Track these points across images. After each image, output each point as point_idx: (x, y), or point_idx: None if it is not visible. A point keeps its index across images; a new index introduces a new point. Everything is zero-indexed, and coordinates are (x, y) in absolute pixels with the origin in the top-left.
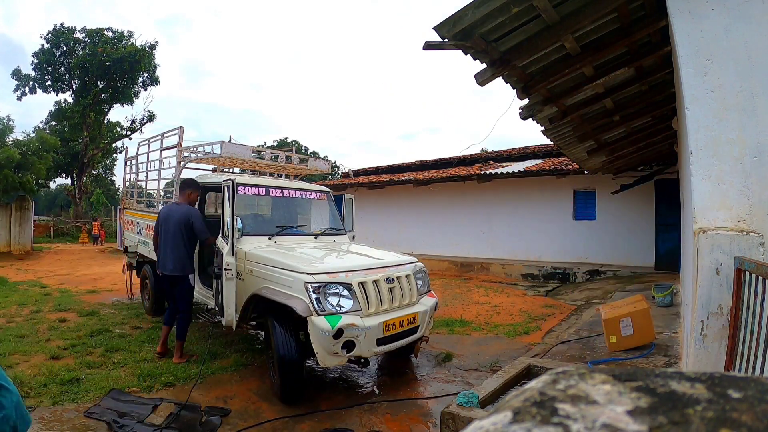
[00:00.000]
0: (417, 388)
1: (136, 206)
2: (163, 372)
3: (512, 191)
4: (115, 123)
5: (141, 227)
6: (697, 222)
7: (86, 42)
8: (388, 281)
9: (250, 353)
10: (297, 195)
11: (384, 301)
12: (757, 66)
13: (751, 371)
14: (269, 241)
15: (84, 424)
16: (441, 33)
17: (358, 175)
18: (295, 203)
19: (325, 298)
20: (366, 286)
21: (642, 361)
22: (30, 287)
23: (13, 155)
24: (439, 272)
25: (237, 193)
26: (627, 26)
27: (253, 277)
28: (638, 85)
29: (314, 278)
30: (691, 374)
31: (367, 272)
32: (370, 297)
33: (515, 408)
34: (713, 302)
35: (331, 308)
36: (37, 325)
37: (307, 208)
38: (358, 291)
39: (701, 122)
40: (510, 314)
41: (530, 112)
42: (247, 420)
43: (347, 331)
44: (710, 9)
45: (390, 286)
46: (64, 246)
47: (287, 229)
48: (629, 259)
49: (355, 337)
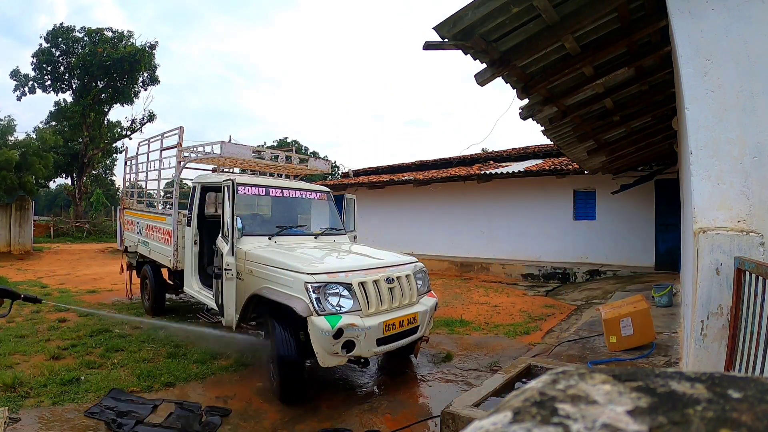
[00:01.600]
0: (417, 388)
1: (136, 206)
2: (163, 372)
3: (512, 191)
4: (115, 123)
5: (141, 227)
6: (697, 222)
7: (86, 42)
8: (388, 281)
9: (250, 353)
10: (297, 195)
11: (384, 301)
12: (757, 66)
13: (751, 371)
14: (269, 241)
15: (84, 424)
16: (441, 33)
17: (358, 175)
18: (295, 203)
19: (325, 298)
20: (366, 286)
21: (642, 361)
22: (30, 287)
23: (12, 157)
24: (439, 272)
25: (237, 193)
26: (627, 26)
27: (253, 277)
28: (638, 85)
29: (314, 278)
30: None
31: (367, 272)
32: (370, 297)
33: (515, 408)
34: (713, 302)
35: (331, 308)
36: (37, 325)
37: (307, 208)
38: (358, 291)
39: (701, 122)
40: (510, 314)
41: (530, 112)
42: (248, 420)
43: (347, 331)
44: (710, 9)
45: (390, 286)
46: (64, 246)
47: (287, 230)
48: (629, 259)
49: (355, 337)
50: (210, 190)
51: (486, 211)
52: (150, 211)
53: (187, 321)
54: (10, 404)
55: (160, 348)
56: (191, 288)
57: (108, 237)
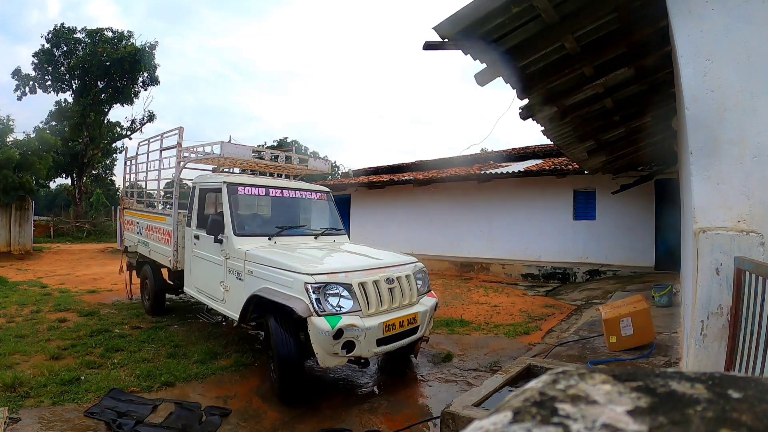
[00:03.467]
0: (417, 388)
1: (136, 206)
2: (163, 372)
3: (512, 191)
4: (115, 123)
5: (141, 227)
6: (697, 222)
7: (86, 42)
8: (388, 281)
9: (250, 353)
10: (297, 195)
11: (384, 302)
12: (757, 66)
13: (751, 371)
14: (269, 241)
15: (84, 424)
16: (441, 33)
17: (359, 175)
18: (295, 203)
19: (324, 298)
20: (366, 287)
21: (642, 361)
22: (30, 287)
23: (12, 155)
24: (439, 272)
25: (237, 194)
26: (627, 26)
27: (252, 278)
28: (638, 85)
29: (314, 279)
30: (691, 374)
31: (367, 272)
32: (370, 297)
33: (515, 408)
34: (713, 302)
35: (330, 309)
36: (37, 325)
37: (307, 208)
38: (358, 291)
39: (701, 122)
40: (510, 314)
41: (530, 112)
42: (248, 420)
43: (347, 332)
44: (710, 9)
45: (390, 286)
46: (64, 246)
47: (287, 230)
48: (629, 259)
49: (355, 338)
50: (209, 191)
51: (486, 211)
52: (150, 212)
53: (187, 322)
54: (10, 404)
55: (160, 348)
56: (191, 288)
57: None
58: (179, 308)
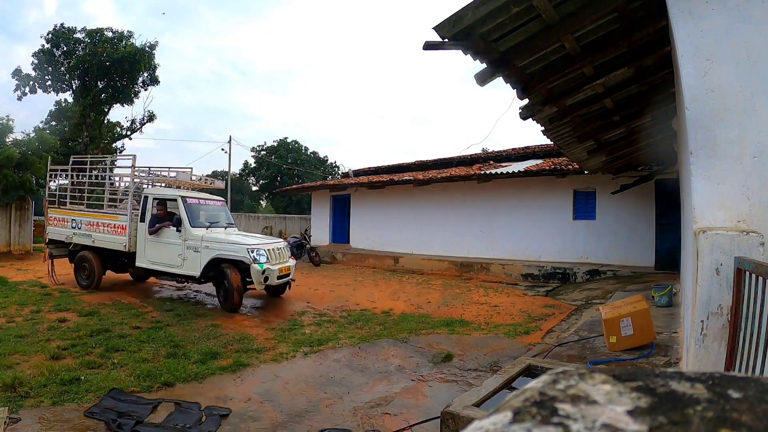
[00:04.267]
0: (417, 388)
1: (70, 207)
2: (163, 372)
3: (512, 191)
4: (115, 123)
5: (80, 223)
6: (697, 222)
7: (86, 42)
8: (276, 249)
9: (250, 353)
10: (212, 203)
11: (277, 258)
12: (757, 66)
13: (751, 371)
14: (207, 230)
15: (84, 424)
16: (441, 33)
17: (358, 175)
18: (213, 208)
19: (256, 255)
20: (271, 251)
21: (642, 361)
22: (30, 287)
23: (12, 155)
24: (439, 272)
25: (187, 203)
26: (627, 26)
27: (208, 250)
28: (638, 85)
29: (250, 246)
30: (691, 374)
31: (267, 244)
32: (272, 256)
33: (515, 408)
34: (713, 302)
35: (259, 260)
36: (37, 325)
37: (218, 211)
38: (267, 253)
39: (701, 122)
40: (510, 314)
41: (530, 112)
42: (247, 420)
43: (267, 272)
44: (710, 9)
45: (278, 251)
46: None
47: (213, 224)
48: (629, 259)
49: (270, 275)
50: (161, 200)
51: (486, 211)
52: (98, 211)
53: (187, 322)
54: (10, 404)
55: (159, 348)
56: (143, 262)
57: None
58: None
